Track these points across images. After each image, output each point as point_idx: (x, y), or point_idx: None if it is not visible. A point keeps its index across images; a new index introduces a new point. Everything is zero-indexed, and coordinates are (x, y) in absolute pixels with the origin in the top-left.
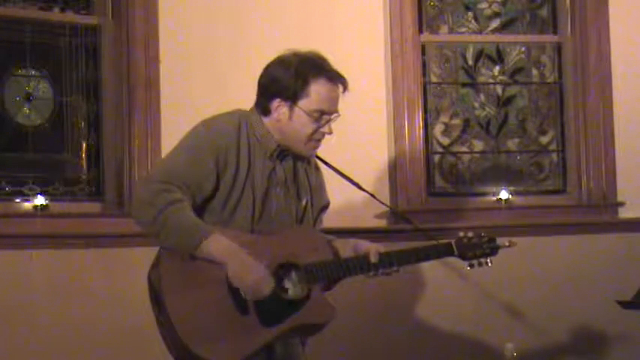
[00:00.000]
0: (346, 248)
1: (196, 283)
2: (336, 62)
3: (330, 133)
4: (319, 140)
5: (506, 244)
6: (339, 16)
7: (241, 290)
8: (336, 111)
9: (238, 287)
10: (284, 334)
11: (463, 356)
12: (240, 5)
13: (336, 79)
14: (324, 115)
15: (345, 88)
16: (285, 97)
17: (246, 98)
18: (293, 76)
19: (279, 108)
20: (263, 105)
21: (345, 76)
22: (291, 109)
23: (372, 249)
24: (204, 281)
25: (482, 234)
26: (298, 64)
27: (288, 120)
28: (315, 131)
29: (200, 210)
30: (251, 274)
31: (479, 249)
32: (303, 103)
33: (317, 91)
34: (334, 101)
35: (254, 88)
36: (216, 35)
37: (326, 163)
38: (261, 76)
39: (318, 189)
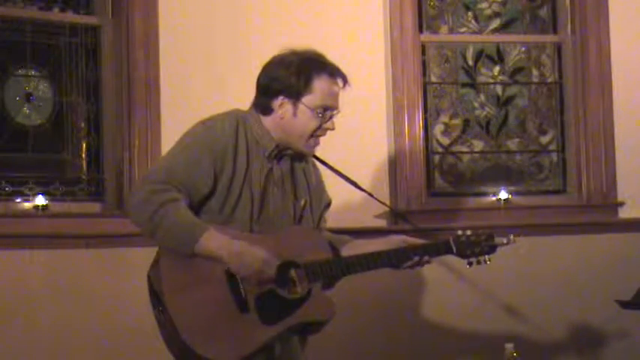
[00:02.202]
0: (374, 244)
1: (197, 282)
2: (336, 62)
3: (333, 128)
4: (320, 137)
5: (504, 241)
6: (339, 16)
7: (247, 279)
8: (338, 107)
9: (244, 277)
10: (284, 332)
11: (463, 356)
12: (239, 5)
13: (336, 74)
14: (327, 112)
15: (346, 82)
16: (289, 94)
17: (246, 98)
18: (295, 73)
19: (283, 106)
20: (264, 104)
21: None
22: (295, 106)
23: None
24: (205, 280)
25: (480, 232)
26: (299, 61)
27: (292, 117)
28: (319, 127)
29: (198, 210)
30: (252, 260)
31: (477, 247)
32: (307, 100)
33: (320, 87)
34: (336, 96)
35: (254, 88)
36: (216, 35)
37: (324, 162)
38: (261, 76)
39: (317, 189)
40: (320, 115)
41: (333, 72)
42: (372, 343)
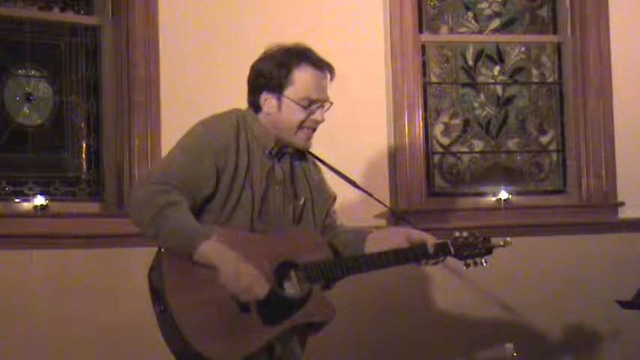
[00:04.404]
0: (395, 238)
1: (198, 282)
2: (336, 62)
3: (322, 120)
4: (311, 129)
5: (501, 243)
6: (339, 16)
7: (237, 294)
8: (326, 99)
9: (233, 292)
10: (285, 333)
11: (463, 355)
12: (239, 5)
13: (320, 65)
14: (313, 104)
15: (332, 74)
16: (271, 88)
17: (245, 98)
18: (276, 66)
19: (268, 101)
20: (253, 102)
21: (343, 74)
22: (278, 99)
23: (428, 240)
24: (206, 280)
25: (477, 233)
26: (281, 54)
27: (277, 111)
28: (306, 119)
29: (200, 209)
30: (244, 277)
31: (474, 248)
32: (290, 92)
33: (301, 78)
34: (322, 88)
35: None
36: (216, 35)
37: (323, 162)
38: (249, 74)
39: (320, 187)
40: (305, 107)
41: (316, 62)
42: (372, 343)
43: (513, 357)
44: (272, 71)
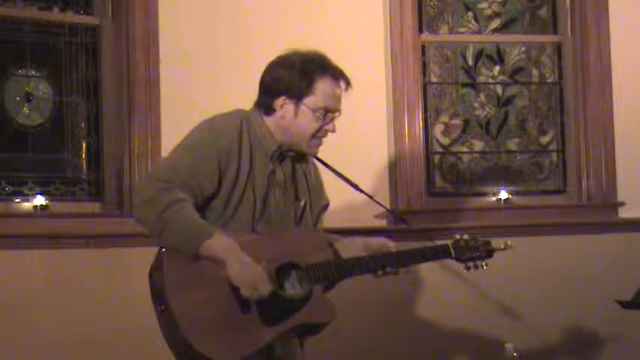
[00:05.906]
0: (354, 247)
1: (199, 282)
2: (336, 62)
3: (334, 130)
4: (322, 138)
5: (502, 246)
6: (339, 16)
7: (240, 289)
8: (339, 109)
9: (237, 286)
10: (285, 333)
11: (463, 356)
12: (240, 5)
13: (339, 76)
14: (328, 113)
15: (348, 85)
16: (291, 95)
17: (246, 98)
18: (298, 74)
19: (285, 106)
20: (266, 104)
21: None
22: (296, 106)
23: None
24: (207, 280)
25: (478, 237)
26: (303, 62)
27: (293, 118)
28: (320, 129)
29: (202, 209)
30: (250, 273)
31: (475, 251)
32: (309, 101)
33: (322, 89)
34: (338, 99)
35: (254, 88)
36: (216, 35)
37: (324, 163)
38: (264, 76)
39: (317, 190)
40: (321, 116)
41: (336, 74)
42: (372, 344)
43: (513, 357)
44: (293, 78)
